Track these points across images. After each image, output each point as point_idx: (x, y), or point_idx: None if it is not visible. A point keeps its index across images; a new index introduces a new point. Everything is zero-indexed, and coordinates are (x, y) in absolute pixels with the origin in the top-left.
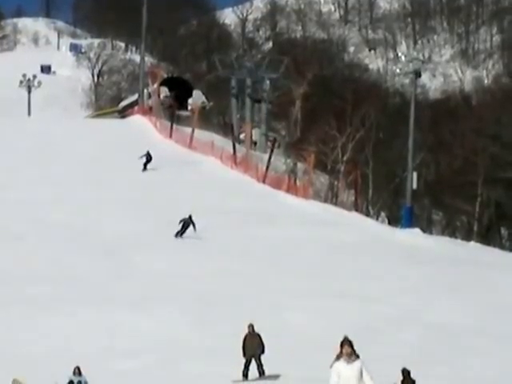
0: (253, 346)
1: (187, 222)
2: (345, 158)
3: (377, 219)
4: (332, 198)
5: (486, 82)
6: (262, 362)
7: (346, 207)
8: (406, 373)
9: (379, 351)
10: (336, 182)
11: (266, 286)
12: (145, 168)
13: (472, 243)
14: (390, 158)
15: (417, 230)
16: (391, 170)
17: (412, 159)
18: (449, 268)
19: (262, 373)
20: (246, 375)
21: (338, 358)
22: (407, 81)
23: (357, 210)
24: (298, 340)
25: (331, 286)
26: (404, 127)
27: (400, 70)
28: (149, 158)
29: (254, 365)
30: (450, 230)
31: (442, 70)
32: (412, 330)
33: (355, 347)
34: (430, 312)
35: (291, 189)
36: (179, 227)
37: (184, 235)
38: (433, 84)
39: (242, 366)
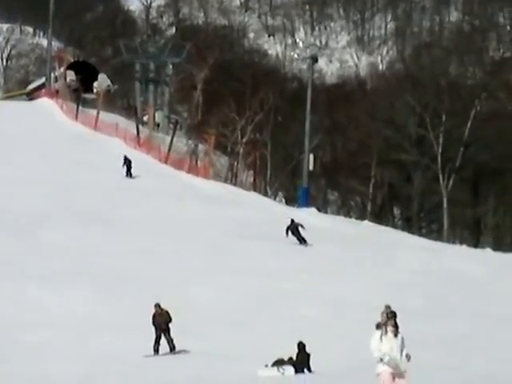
0: (162, 324)
1: (294, 226)
2: (244, 140)
3: (274, 199)
4: (232, 178)
5: (380, 67)
6: (172, 337)
7: (245, 187)
8: (301, 346)
9: (279, 325)
10: (235, 163)
11: (170, 263)
12: (130, 175)
13: (366, 222)
14: (288, 140)
15: (313, 210)
16: (289, 151)
17: (309, 141)
18: (344, 246)
19: (172, 348)
20: (156, 350)
21: (379, 327)
22: (305, 66)
23: (255, 190)
24: (203, 315)
25: (232, 262)
26: (301, 111)
27: (298, 55)
28: (128, 162)
29: (164, 340)
30: (344, 210)
31: (339, 55)
32: (310, 306)
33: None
34: (327, 288)
35: (192, 169)
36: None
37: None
38: (329, 69)
39: (153, 342)
